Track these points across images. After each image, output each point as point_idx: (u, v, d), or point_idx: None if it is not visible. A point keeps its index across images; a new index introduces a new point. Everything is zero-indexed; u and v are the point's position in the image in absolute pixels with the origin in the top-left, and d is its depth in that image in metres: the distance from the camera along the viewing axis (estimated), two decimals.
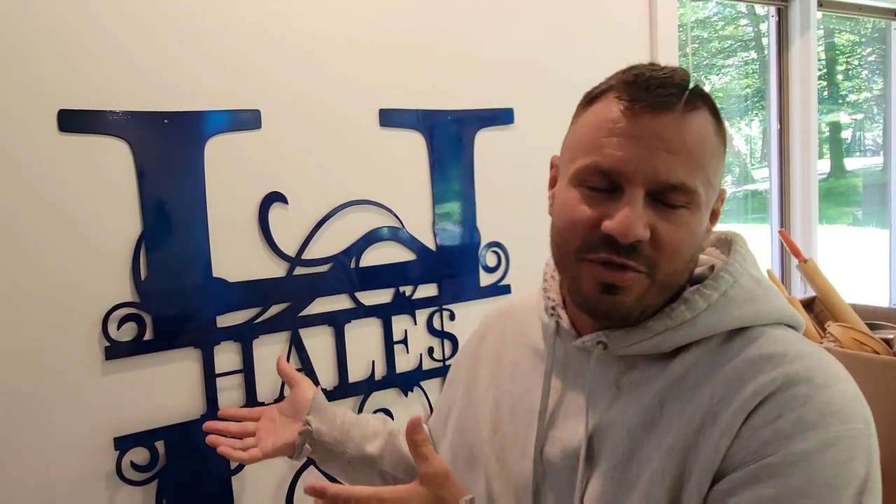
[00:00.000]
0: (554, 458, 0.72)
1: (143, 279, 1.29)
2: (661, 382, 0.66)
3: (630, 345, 0.68)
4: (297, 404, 0.95)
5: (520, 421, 0.78)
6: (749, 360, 0.63)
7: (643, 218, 0.62)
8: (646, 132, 0.62)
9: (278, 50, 1.40)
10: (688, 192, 0.63)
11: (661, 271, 0.64)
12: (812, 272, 1.74)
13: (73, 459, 1.24)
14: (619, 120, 0.63)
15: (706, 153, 0.64)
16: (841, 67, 4.56)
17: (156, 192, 1.30)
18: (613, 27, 1.86)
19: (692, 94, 0.64)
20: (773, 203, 2.44)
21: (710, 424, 0.61)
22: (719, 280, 0.67)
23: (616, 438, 0.67)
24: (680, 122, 0.63)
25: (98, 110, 1.24)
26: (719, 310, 0.66)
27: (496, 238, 1.69)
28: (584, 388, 0.71)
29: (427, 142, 1.59)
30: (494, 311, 0.96)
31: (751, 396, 0.60)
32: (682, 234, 0.64)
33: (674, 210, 0.63)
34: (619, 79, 0.66)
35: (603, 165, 0.64)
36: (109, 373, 1.27)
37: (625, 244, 0.62)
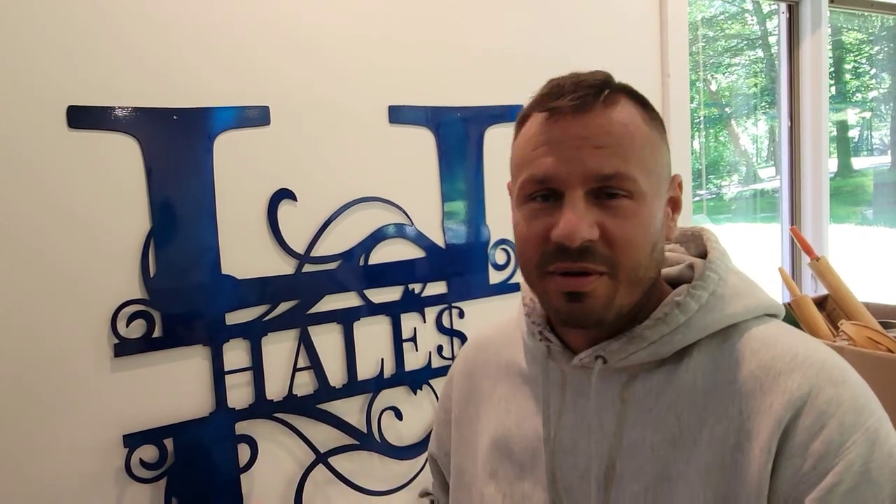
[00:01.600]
0: (570, 484, 0.70)
1: (151, 276, 1.28)
2: (672, 393, 0.66)
3: (629, 355, 0.67)
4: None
5: (523, 452, 0.75)
6: (763, 365, 0.63)
7: (587, 218, 0.62)
8: (568, 134, 0.63)
9: (287, 47, 1.40)
10: (625, 178, 0.63)
11: (622, 267, 0.63)
12: (824, 270, 1.73)
13: (82, 457, 1.24)
14: (544, 131, 0.65)
15: (636, 142, 0.64)
16: (848, 66, 4.54)
17: (165, 188, 1.29)
18: (624, 24, 1.84)
19: (612, 91, 0.65)
20: (783, 201, 2.42)
21: (745, 441, 0.61)
22: (707, 280, 0.67)
23: (641, 458, 0.65)
24: (601, 117, 0.64)
25: (107, 107, 1.24)
26: (711, 309, 0.66)
27: (505, 236, 1.68)
28: (588, 406, 0.70)
29: (436, 139, 1.58)
30: (472, 346, 0.92)
31: (783, 409, 0.60)
32: (631, 225, 0.63)
33: (617, 202, 0.63)
34: (537, 94, 0.68)
35: (537, 175, 0.65)
36: (118, 370, 1.27)
37: (574, 248, 0.62)
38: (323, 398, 1.46)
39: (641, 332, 0.66)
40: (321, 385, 1.45)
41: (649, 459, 0.65)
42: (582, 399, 0.71)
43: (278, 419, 1.41)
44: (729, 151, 4.36)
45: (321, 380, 1.45)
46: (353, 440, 1.50)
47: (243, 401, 1.38)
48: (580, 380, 0.72)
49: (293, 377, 1.43)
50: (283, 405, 1.41)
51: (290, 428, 1.42)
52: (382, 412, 1.53)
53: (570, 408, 0.72)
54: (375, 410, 1.52)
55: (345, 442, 1.49)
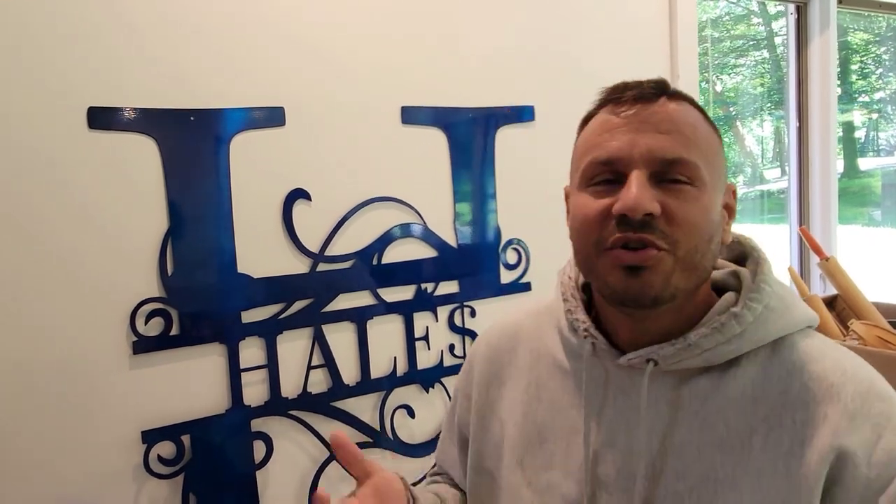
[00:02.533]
0: (607, 478, 0.70)
1: (169, 275, 1.30)
2: (720, 399, 0.67)
3: (680, 361, 0.68)
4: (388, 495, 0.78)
5: (555, 442, 0.76)
6: (815, 378, 0.66)
7: (650, 193, 0.64)
8: (634, 120, 0.66)
9: (302, 48, 1.41)
10: (688, 165, 0.65)
11: (682, 247, 0.64)
12: (834, 270, 1.74)
13: (102, 453, 1.26)
14: (609, 120, 0.68)
15: (699, 134, 0.67)
16: (855, 66, 4.54)
17: (182, 188, 1.31)
18: (634, 25, 1.85)
19: (672, 91, 0.69)
20: (791, 201, 2.43)
21: (798, 448, 0.63)
22: (762, 292, 0.68)
23: (687, 458, 0.67)
24: (665, 107, 0.67)
25: (126, 108, 1.26)
26: (764, 321, 0.67)
27: (517, 235, 1.69)
28: (632, 405, 0.71)
29: (448, 139, 1.59)
30: (497, 332, 0.92)
31: (839, 419, 0.63)
32: (693, 209, 0.65)
33: (679, 186, 0.65)
34: (601, 95, 0.72)
35: (601, 157, 0.67)
36: (137, 367, 1.28)
37: (636, 220, 0.63)
38: (337, 396, 1.47)
39: (697, 341, 0.67)
40: (335, 383, 1.47)
41: (696, 460, 0.66)
42: (623, 397, 0.72)
43: (293, 416, 1.42)
44: (734, 152, 4.36)
45: (335, 378, 1.47)
46: (366, 437, 1.51)
47: (259, 398, 1.39)
48: (624, 379, 0.72)
49: (307, 375, 1.44)
50: (298, 403, 1.43)
51: (305, 425, 1.44)
52: (395, 410, 1.55)
53: (612, 404, 0.72)
54: (388, 408, 1.54)
55: (358, 439, 1.50)
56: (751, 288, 0.69)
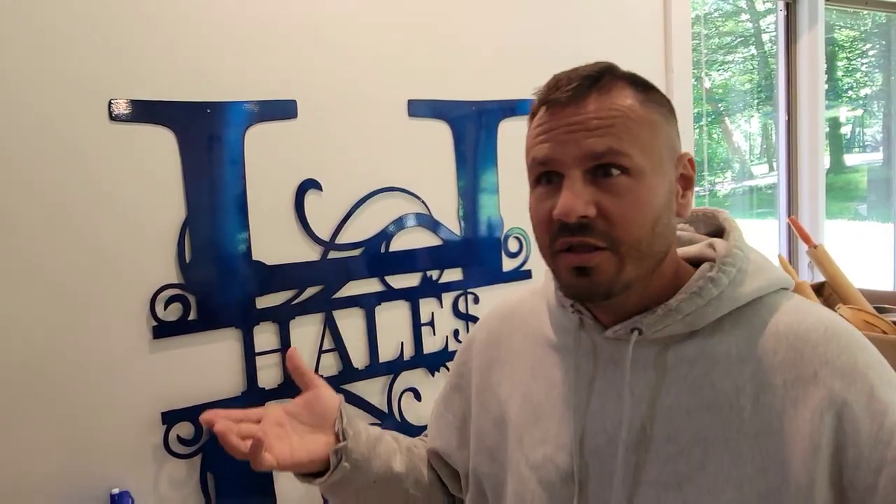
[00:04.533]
0: (597, 448, 0.73)
1: (187, 262, 1.35)
2: (706, 362, 0.69)
3: (664, 327, 0.71)
4: (316, 410, 0.81)
5: (549, 418, 0.78)
6: (800, 337, 0.68)
7: (583, 196, 0.66)
8: (564, 121, 0.68)
9: (314, 44, 1.47)
10: (617, 154, 0.66)
11: (622, 243, 0.67)
12: (822, 258, 1.81)
13: (123, 433, 1.31)
14: (544, 121, 0.70)
15: (630, 122, 0.68)
16: (841, 63, 4.62)
17: (199, 178, 1.36)
18: (629, 21, 1.92)
19: (610, 78, 0.69)
20: (780, 194, 2.51)
21: (791, 407, 0.66)
22: (735, 256, 0.71)
23: (677, 421, 0.69)
24: (594, 104, 0.68)
25: (146, 100, 1.30)
26: (739, 284, 0.70)
27: (518, 224, 1.75)
28: (620, 375, 0.73)
29: (453, 131, 1.65)
30: (496, 316, 0.93)
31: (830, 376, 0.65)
32: (627, 202, 0.66)
33: (613, 180, 0.67)
34: (542, 89, 0.72)
35: (538, 158, 0.70)
36: (157, 351, 1.33)
37: (572, 224, 0.66)
38: (347, 379, 1.53)
39: (677, 306, 0.69)
40: (345, 366, 1.53)
41: (685, 423, 0.68)
42: (612, 366, 0.74)
43: None
44: (723, 148, 4.42)
45: (345, 361, 1.53)
46: (374, 419, 1.57)
47: (273, 381, 1.45)
48: (612, 350, 0.74)
49: (319, 359, 1.50)
50: None
51: None
52: (402, 393, 1.60)
53: (601, 375, 0.75)
54: (396, 391, 1.59)
55: (367, 421, 1.55)
56: (724, 254, 0.72)
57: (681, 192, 0.73)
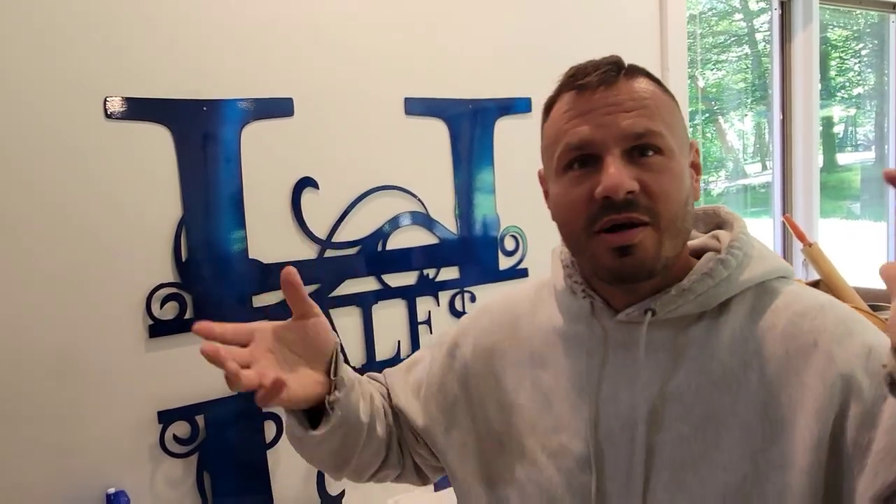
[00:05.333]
0: (611, 432, 0.73)
1: (183, 260, 1.34)
2: (714, 342, 0.71)
3: (677, 308, 0.72)
4: (312, 343, 0.76)
5: (561, 405, 0.78)
6: (798, 312, 0.71)
7: (628, 171, 0.68)
8: (599, 103, 0.70)
9: (311, 41, 1.46)
10: (654, 135, 0.69)
11: (663, 217, 0.69)
12: (817, 255, 1.81)
13: (120, 432, 1.30)
14: (575, 105, 0.72)
15: (659, 104, 0.71)
16: (834, 62, 4.64)
17: (195, 176, 1.35)
18: (625, 20, 1.92)
19: (629, 69, 0.73)
20: (775, 193, 2.52)
21: (794, 375, 0.68)
22: (741, 241, 0.74)
23: (687, 400, 0.70)
24: (625, 86, 0.71)
25: (141, 98, 1.30)
26: (747, 266, 0.73)
27: (514, 223, 1.75)
28: (632, 359, 0.74)
29: (449, 130, 1.65)
30: (498, 303, 0.93)
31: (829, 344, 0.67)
32: (666, 178, 0.69)
33: (650, 158, 0.69)
34: (563, 79, 0.75)
35: (573, 142, 0.70)
36: (153, 350, 1.33)
37: (619, 200, 0.67)
38: None
39: (690, 286, 0.72)
40: None
41: (695, 401, 0.70)
42: (623, 351, 0.75)
43: None
44: (716, 147, 4.43)
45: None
46: None
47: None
48: (623, 334, 0.76)
49: None
50: None
51: None
52: None
53: (612, 360, 0.76)
54: None
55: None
56: (731, 239, 0.75)
57: (694, 175, 0.76)
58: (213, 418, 1.37)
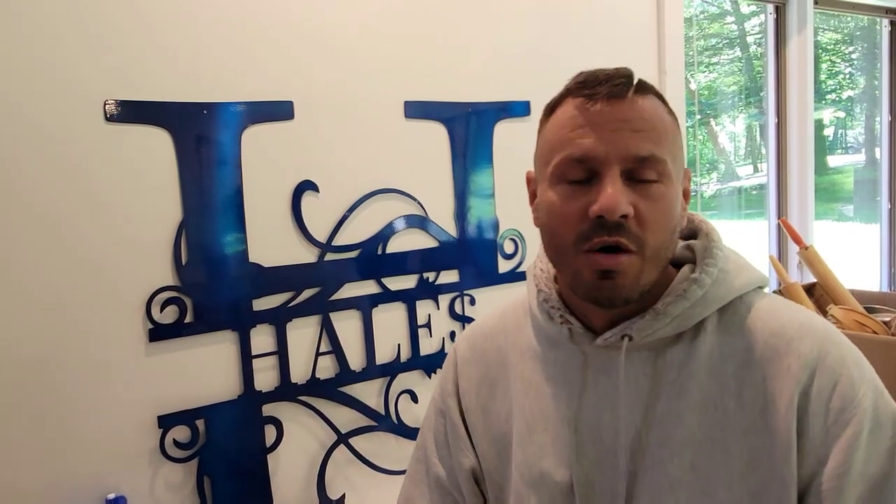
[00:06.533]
0: (596, 459, 0.73)
1: (183, 264, 1.34)
2: (692, 364, 0.71)
3: (654, 332, 0.71)
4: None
5: (543, 433, 0.77)
6: (775, 333, 0.70)
7: (625, 194, 0.66)
8: (607, 117, 0.67)
9: (310, 45, 1.46)
10: (658, 162, 0.67)
11: (649, 247, 0.67)
12: (813, 258, 1.82)
13: (119, 437, 1.29)
14: (581, 114, 0.68)
15: (665, 129, 0.69)
16: (824, 65, 4.67)
17: (195, 180, 1.35)
18: (623, 24, 1.93)
19: (639, 84, 0.70)
20: (770, 195, 2.53)
21: (770, 403, 0.67)
22: (716, 257, 0.73)
23: (668, 426, 0.70)
24: (634, 104, 0.68)
25: (141, 101, 1.29)
26: (722, 283, 0.72)
27: (514, 226, 1.75)
28: (612, 384, 0.73)
29: (449, 133, 1.65)
30: (477, 334, 0.91)
31: (799, 371, 0.67)
32: (661, 208, 0.67)
33: (649, 185, 0.67)
34: (571, 84, 0.71)
35: (576, 155, 0.67)
36: (153, 354, 1.32)
37: (613, 222, 0.65)
38: (344, 381, 1.52)
39: (664, 309, 0.70)
40: (342, 369, 1.52)
41: (676, 426, 0.69)
42: (604, 377, 0.74)
43: (302, 401, 1.47)
44: (708, 150, 4.45)
45: (342, 364, 1.52)
46: (371, 422, 1.56)
47: (269, 384, 1.44)
48: (602, 359, 0.74)
49: (316, 361, 1.49)
50: (307, 388, 1.47)
51: (314, 410, 1.48)
52: (399, 395, 1.60)
53: (592, 386, 0.74)
54: (392, 393, 1.59)
55: (364, 423, 1.55)
56: (705, 255, 0.74)
57: (683, 204, 0.74)
58: (213, 423, 1.37)
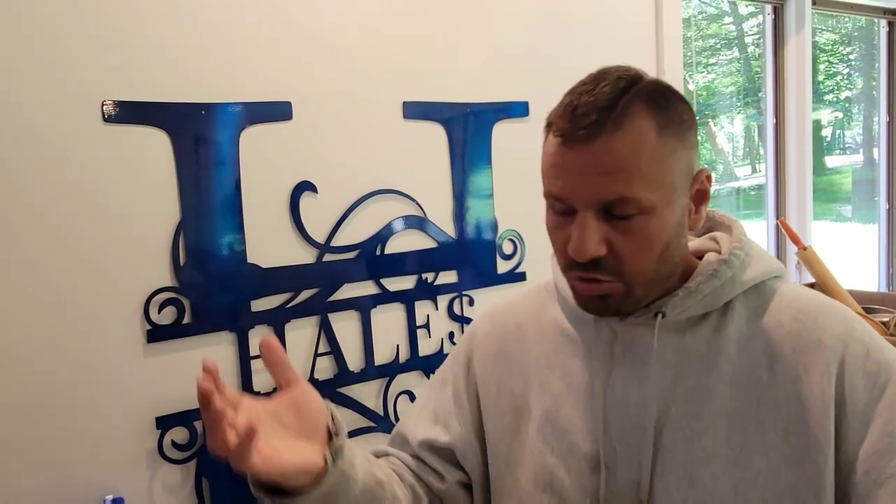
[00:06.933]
0: (623, 432, 0.75)
1: (181, 265, 1.34)
2: (721, 340, 0.74)
3: (686, 308, 0.74)
4: (305, 412, 0.69)
5: (572, 407, 0.79)
6: (801, 310, 0.74)
7: (595, 236, 0.68)
8: (577, 162, 0.68)
9: (309, 45, 1.46)
10: (630, 201, 0.67)
11: (629, 273, 0.70)
12: (811, 259, 1.83)
13: (117, 438, 1.29)
14: (556, 154, 0.70)
15: (643, 161, 0.67)
16: (822, 66, 4.68)
17: (193, 180, 1.35)
18: (621, 23, 1.93)
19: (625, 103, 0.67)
20: (769, 196, 2.53)
21: (804, 373, 0.71)
22: (742, 242, 0.77)
23: (700, 399, 0.72)
24: (608, 143, 0.66)
25: (139, 101, 1.29)
26: (748, 267, 0.76)
27: (512, 227, 1.75)
28: (641, 360, 0.75)
29: (447, 133, 1.65)
30: (499, 308, 0.93)
31: (832, 341, 0.71)
32: (638, 240, 0.69)
33: (626, 220, 0.68)
34: (557, 110, 0.71)
35: (553, 192, 0.71)
36: (151, 355, 1.32)
37: (585, 262, 0.70)
38: (342, 382, 1.52)
39: (697, 287, 0.74)
40: (340, 369, 1.52)
41: (708, 400, 0.72)
42: (631, 353, 0.76)
43: None
44: (706, 150, 4.45)
45: (340, 364, 1.52)
46: (370, 422, 1.56)
47: (268, 384, 1.43)
48: (630, 336, 0.77)
49: (314, 362, 1.49)
50: None
51: None
52: (398, 396, 1.60)
53: (620, 362, 0.77)
54: (391, 394, 1.59)
55: (363, 424, 1.55)
56: (732, 242, 0.77)
57: (694, 209, 0.75)
58: None
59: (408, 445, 0.91)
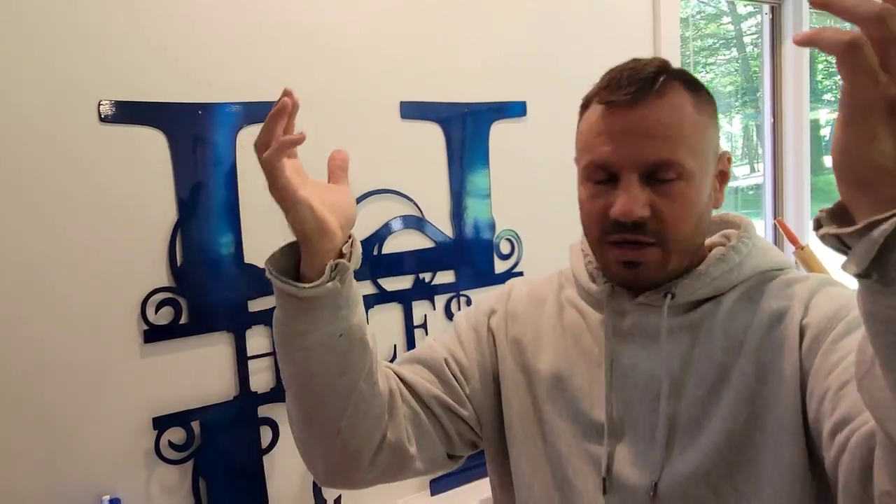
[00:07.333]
0: (630, 401, 0.79)
1: (178, 265, 1.33)
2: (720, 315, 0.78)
3: (695, 290, 0.78)
4: (337, 201, 0.79)
5: (582, 378, 0.84)
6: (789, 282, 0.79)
7: (640, 199, 0.73)
8: (624, 125, 0.73)
9: (306, 45, 1.46)
10: (674, 164, 0.72)
11: (670, 239, 0.75)
12: (809, 258, 1.82)
13: (114, 439, 1.29)
14: (602, 121, 0.75)
15: (684, 128, 0.73)
16: (820, 66, 4.68)
17: (190, 180, 1.34)
18: (619, 23, 1.93)
19: (666, 78, 0.74)
20: (766, 195, 2.53)
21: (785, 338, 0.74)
22: (751, 234, 0.82)
23: (701, 368, 0.76)
24: (652, 108, 0.72)
25: (136, 101, 1.28)
26: (754, 255, 0.80)
27: (510, 226, 1.75)
28: (650, 336, 0.79)
29: (445, 133, 1.65)
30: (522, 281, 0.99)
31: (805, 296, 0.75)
32: (679, 205, 0.74)
33: (669, 184, 0.73)
34: (599, 84, 0.77)
35: (597, 161, 0.75)
36: (148, 355, 1.31)
37: (629, 223, 0.73)
38: None
39: (706, 270, 0.78)
40: None
41: (708, 367, 0.76)
42: (640, 331, 0.80)
43: None
44: None
45: None
46: None
47: (265, 385, 1.43)
48: (640, 315, 0.81)
49: None
50: None
51: None
52: None
53: (631, 338, 0.81)
54: None
55: None
56: (741, 233, 0.82)
57: (717, 186, 0.81)
58: (208, 424, 1.36)
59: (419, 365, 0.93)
